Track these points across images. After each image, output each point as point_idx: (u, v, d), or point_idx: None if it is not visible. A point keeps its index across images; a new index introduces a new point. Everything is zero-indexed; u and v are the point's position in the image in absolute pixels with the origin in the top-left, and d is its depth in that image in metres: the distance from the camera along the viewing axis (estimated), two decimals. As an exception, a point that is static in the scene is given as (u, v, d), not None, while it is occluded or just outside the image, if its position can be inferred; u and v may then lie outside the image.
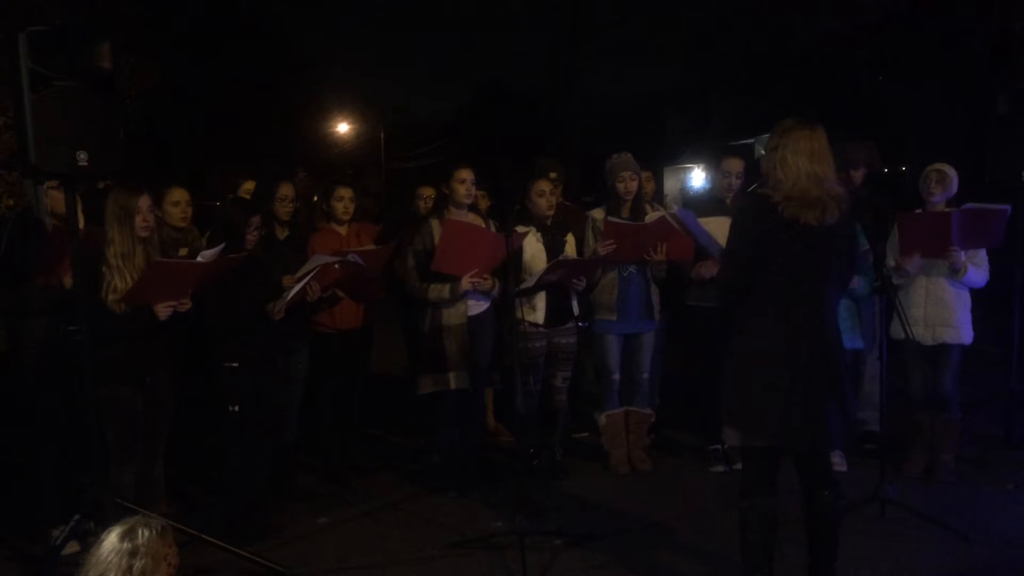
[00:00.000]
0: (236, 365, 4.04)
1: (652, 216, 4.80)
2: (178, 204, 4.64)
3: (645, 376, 5.05)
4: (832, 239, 3.05)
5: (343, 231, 4.90)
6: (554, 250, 4.79)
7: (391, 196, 26.11)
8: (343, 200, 4.87)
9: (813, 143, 3.03)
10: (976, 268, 4.65)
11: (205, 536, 3.64)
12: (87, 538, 3.26)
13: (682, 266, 4.91)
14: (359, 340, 4.97)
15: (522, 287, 4.57)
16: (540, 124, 25.02)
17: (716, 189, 5.15)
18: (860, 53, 15.28)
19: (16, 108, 3.27)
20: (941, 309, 4.67)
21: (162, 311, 3.72)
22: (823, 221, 2.99)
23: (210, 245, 4.08)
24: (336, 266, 4.28)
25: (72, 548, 3.48)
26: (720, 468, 4.90)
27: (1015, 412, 5.41)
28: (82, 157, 3.31)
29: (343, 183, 5.07)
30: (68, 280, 3.79)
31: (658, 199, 6.21)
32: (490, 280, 4.55)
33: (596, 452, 5.21)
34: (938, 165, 4.74)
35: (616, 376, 5.01)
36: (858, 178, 5.27)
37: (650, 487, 4.80)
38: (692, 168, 24.19)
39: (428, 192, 5.65)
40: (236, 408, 4.03)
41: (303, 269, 4.31)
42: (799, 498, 3.22)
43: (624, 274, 4.90)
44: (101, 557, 2.20)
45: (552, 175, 5.23)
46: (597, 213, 5.00)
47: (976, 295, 4.79)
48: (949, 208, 4.69)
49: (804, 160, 3.00)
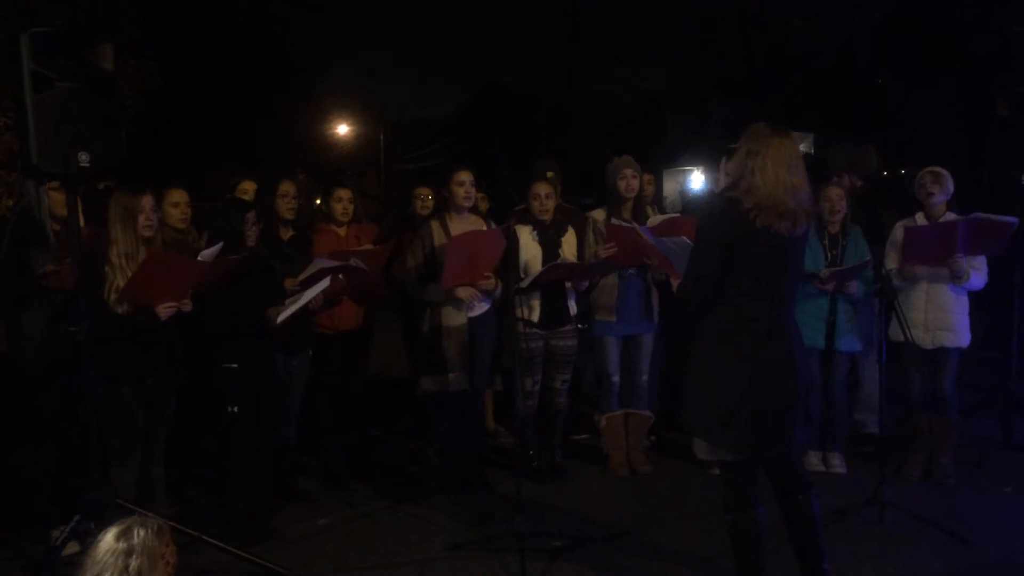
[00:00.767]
0: (235, 366, 4.04)
1: (654, 220, 4.80)
2: (178, 205, 4.65)
3: (644, 378, 5.06)
4: (795, 247, 3.07)
5: (342, 232, 4.91)
6: (550, 248, 4.79)
7: (391, 197, 26.11)
8: (342, 201, 4.88)
9: (790, 153, 3.00)
10: (975, 271, 4.67)
11: (205, 537, 3.64)
12: (87, 538, 3.25)
13: (672, 274, 4.90)
14: (358, 341, 4.98)
15: (519, 286, 4.57)
16: (539, 126, 25.05)
17: (714, 190, 5.15)
18: (860, 56, 15.30)
19: (18, 109, 3.27)
20: (940, 312, 4.68)
21: (163, 311, 3.73)
22: (793, 232, 2.98)
23: (208, 246, 4.09)
24: (340, 276, 4.31)
25: (72, 548, 3.47)
26: (718, 471, 4.89)
27: (1013, 415, 5.42)
28: (83, 158, 3.31)
29: (342, 184, 5.08)
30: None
31: (658, 201, 6.22)
32: (493, 280, 4.55)
33: (595, 454, 5.21)
34: (932, 168, 4.77)
35: (615, 378, 5.01)
36: (846, 183, 5.28)
37: (649, 489, 4.80)
38: (692, 171, 24.17)
39: (425, 192, 5.66)
40: (235, 409, 4.03)
41: (304, 274, 4.32)
42: (777, 504, 3.21)
43: (624, 276, 4.91)
44: (97, 557, 2.21)
45: (549, 174, 5.26)
46: (598, 214, 5.01)
47: (974, 298, 4.80)
48: (949, 210, 4.70)
49: (783, 171, 2.96)
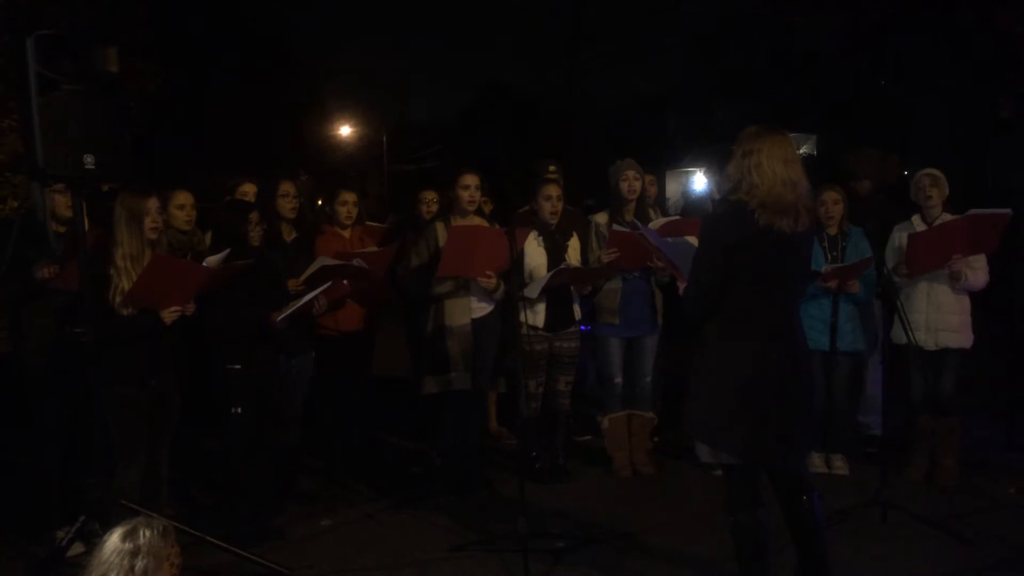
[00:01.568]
0: (239, 367, 4.05)
1: (656, 223, 4.81)
2: (183, 207, 4.66)
3: (648, 380, 5.07)
4: (801, 246, 3.07)
5: (346, 234, 4.92)
6: (556, 254, 4.81)
7: (393, 199, 26.13)
8: (346, 204, 4.89)
9: (786, 149, 3.01)
10: (976, 271, 4.66)
11: (208, 537, 3.65)
12: (92, 539, 3.27)
13: (677, 275, 4.91)
14: (361, 342, 4.99)
15: (525, 292, 4.58)
16: (541, 128, 25.06)
17: (717, 192, 5.15)
18: (862, 57, 15.31)
19: (23, 111, 3.29)
20: (942, 314, 4.68)
21: (168, 316, 3.74)
22: (795, 229, 2.98)
23: (212, 248, 4.10)
24: (345, 282, 4.32)
25: (77, 549, 3.48)
26: (721, 472, 4.90)
27: (1016, 416, 5.42)
28: (88, 160, 3.34)
29: (347, 187, 5.10)
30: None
31: (660, 203, 6.22)
32: (495, 279, 4.56)
33: (599, 455, 5.22)
34: (928, 170, 4.78)
35: (619, 380, 5.02)
36: (863, 189, 5.29)
37: (652, 491, 4.81)
38: (694, 172, 24.16)
39: (431, 196, 5.67)
40: (239, 410, 4.05)
41: (307, 272, 4.34)
42: (779, 506, 3.20)
43: (627, 279, 4.91)
44: (103, 557, 2.22)
45: (551, 167, 5.28)
46: (600, 217, 5.01)
47: (976, 299, 4.80)
48: (946, 211, 4.71)
49: (779, 165, 2.97)
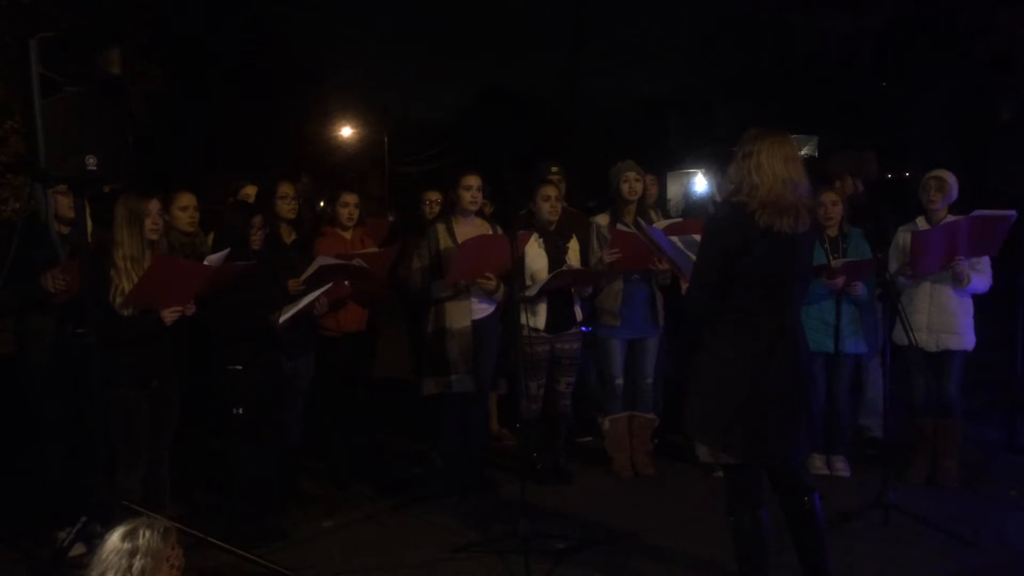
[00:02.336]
0: (240, 368, 4.06)
1: (658, 225, 4.81)
2: (186, 209, 4.67)
3: (649, 381, 5.07)
4: (802, 247, 3.07)
5: (348, 235, 4.93)
6: (557, 256, 4.81)
7: (395, 200, 26.18)
8: (348, 206, 4.90)
9: (786, 148, 3.02)
10: (979, 275, 4.66)
11: (210, 538, 3.64)
12: (93, 540, 3.27)
13: (680, 275, 4.92)
14: (363, 343, 4.99)
15: (525, 293, 4.58)
16: (543, 129, 25.07)
17: (719, 194, 5.16)
18: (863, 59, 15.31)
19: (26, 113, 3.30)
20: (945, 316, 4.67)
21: (168, 316, 3.75)
22: (796, 228, 2.98)
23: (215, 248, 4.11)
24: (346, 283, 4.32)
25: (78, 550, 3.49)
26: (722, 474, 4.90)
27: (1018, 418, 5.41)
28: (91, 161, 3.34)
29: (348, 189, 5.11)
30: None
31: (661, 204, 6.24)
32: (494, 281, 4.57)
33: (599, 456, 5.22)
34: (937, 172, 4.76)
35: (620, 381, 5.02)
36: (847, 188, 5.29)
37: (653, 492, 4.81)
38: (695, 173, 24.17)
39: (434, 196, 5.68)
40: (240, 411, 4.05)
41: (307, 272, 4.35)
42: (780, 507, 3.21)
43: (628, 280, 4.92)
44: (102, 557, 2.24)
45: (553, 168, 5.28)
46: (601, 219, 5.02)
47: (978, 301, 4.80)
48: (951, 215, 4.70)
49: (779, 165, 2.97)
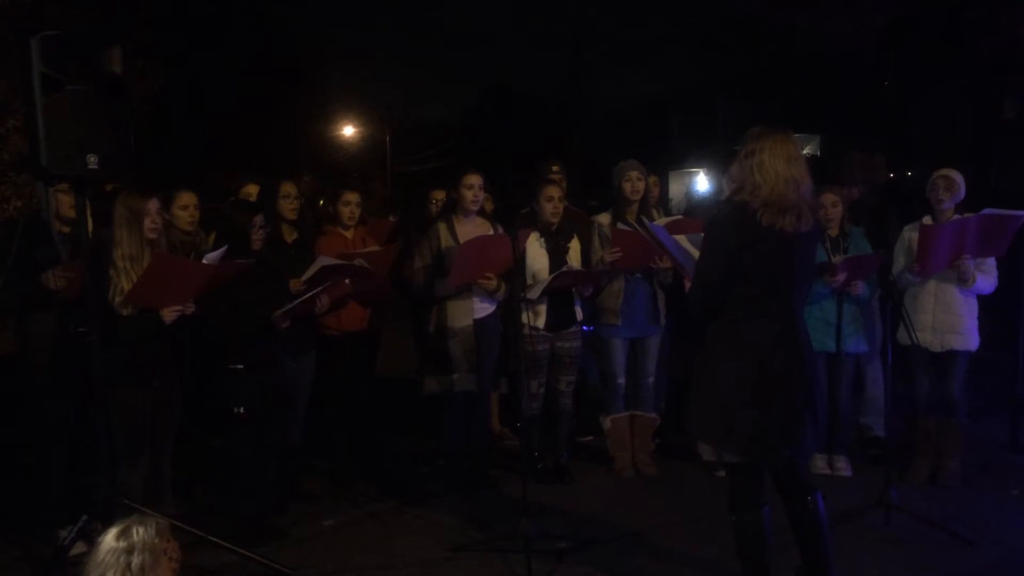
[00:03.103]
0: (242, 367, 4.06)
1: (659, 223, 4.80)
2: (186, 208, 4.67)
3: (650, 380, 5.06)
4: (804, 246, 3.06)
5: (349, 235, 4.93)
6: (558, 256, 4.81)
7: (397, 199, 26.18)
8: (349, 205, 4.90)
9: (788, 147, 3.01)
10: (984, 275, 4.65)
11: (211, 537, 3.65)
12: (94, 539, 3.27)
13: (683, 273, 4.91)
14: (365, 342, 4.99)
15: (526, 294, 4.58)
16: (545, 128, 25.08)
17: (721, 193, 5.15)
18: (867, 57, 15.28)
19: (27, 111, 3.30)
20: (950, 316, 4.66)
21: (168, 315, 3.75)
22: (798, 228, 2.97)
23: (216, 247, 4.11)
24: (347, 281, 4.33)
25: (80, 549, 3.48)
26: (724, 473, 4.89)
27: (1020, 418, 5.40)
28: (92, 160, 3.34)
29: (350, 188, 5.11)
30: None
31: (663, 203, 6.22)
32: (495, 281, 4.56)
33: (601, 456, 5.22)
34: (945, 171, 4.74)
35: (621, 380, 5.02)
36: (855, 194, 5.28)
37: (655, 491, 4.80)
38: (697, 172, 24.18)
39: (440, 196, 5.69)
40: (242, 410, 4.05)
41: (308, 272, 4.35)
42: (783, 507, 3.20)
43: (630, 279, 4.91)
44: (99, 558, 2.24)
45: (555, 167, 5.28)
46: (603, 218, 5.01)
47: (981, 302, 4.78)
48: (958, 214, 4.69)
49: (782, 164, 2.97)
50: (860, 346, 4.87)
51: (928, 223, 4.71)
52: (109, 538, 2.25)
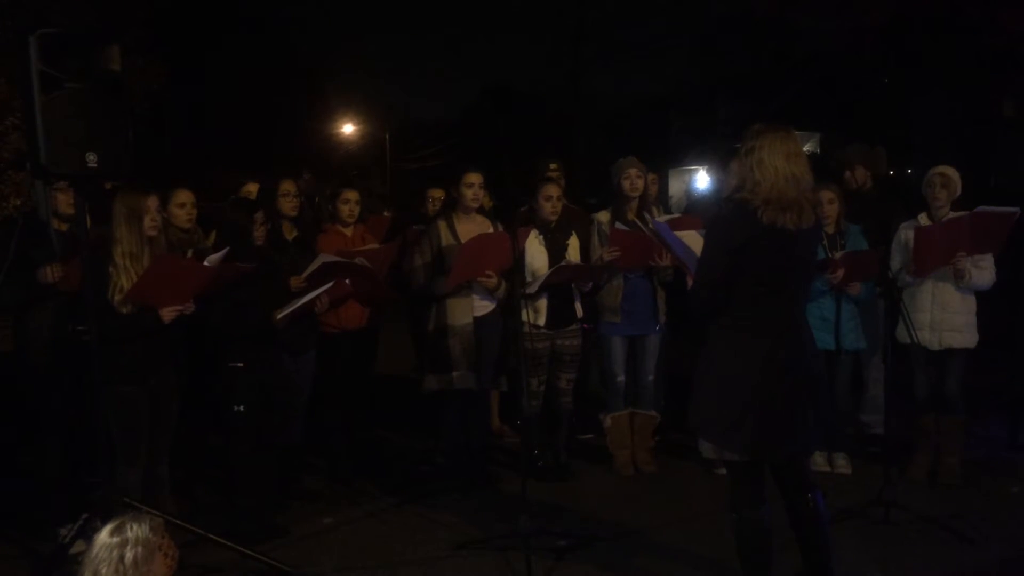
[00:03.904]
0: (241, 365, 4.06)
1: (661, 220, 4.80)
2: (184, 206, 4.67)
3: (650, 378, 5.07)
4: (806, 244, 3.05)
5: (348, 232, 4.93)
6: (557, 253, 4.80)
7: (396, 197, 26.17)
8: (349, 203, 4.90)
9: (788, 144, 3.00)
10: (982, 271, 4.65)
11: (211, 535, 3.65)
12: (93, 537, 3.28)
13: (686, 271, 4.91)
14: (365, 340, 4.99)
15: (526, 290, 4.58)
16: (544, 126, 25.06)
17: (721, 191, 5.15)
18: (866, 56, 15.28)
19: (26, 109, 3.29)
20: (947, 314, 4.65)
21: (167, 315, 3.74)
22: (799, 225, 2.96)
23: (216, 247, 4.11)
24: (348, 282, 4.34)
25: (79, 547, 3.47)
26: (724, 471, 4.88)
27: (1019, 415, 5.40)
28: (91, 158, 3.34)
29: (349, 186, 5.11)
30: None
31: (662, 201, 6.23)
32: (495, 278, 4.56)
33: (601, 454, 5.22)
34: (941, 168, 4.74)
35: (621, 378, 5.02)
36: (858, 179, 5.27)
37: (654, 489, 4.80)
38: (697, 170, 24.16)
39: (438, 194, 5.69)
40: (241, 408, 4.05)
41: (308, 269, 4.35)
42: (783, 506, 3.20)
43: (629, 277, 4.91)
44: (93, 554, 2.25)
45: (553, 165, 5.28)
46: (602, 216, 5.01)
47: (981, 299, 4.78)
48: (954, 212, 4.69)
49: (781, 160, 2.96)
50: (859, 344, 4.87)
51: (923, 223, 4.71)
52: (104, 534, 2.26)
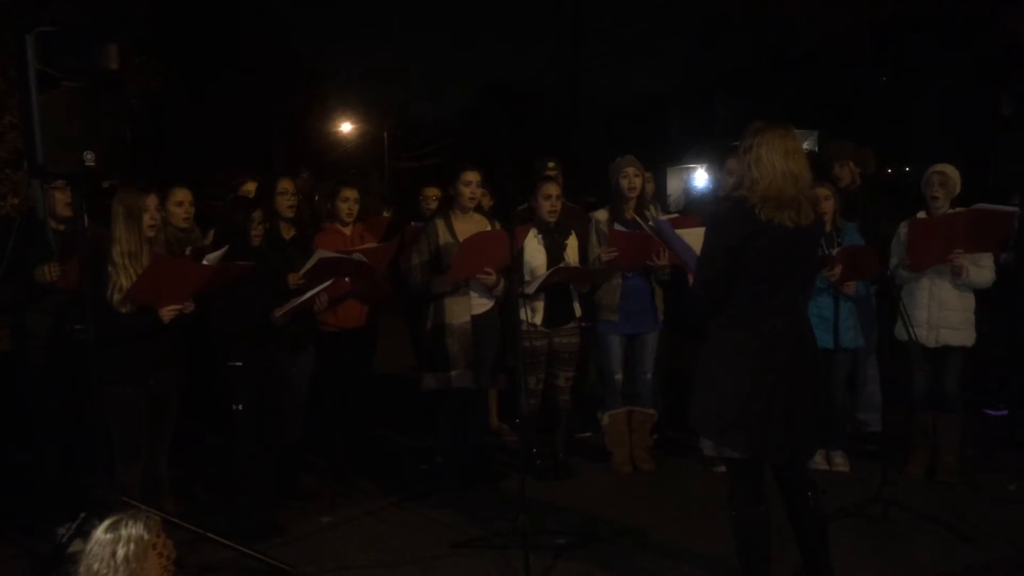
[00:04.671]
0: (240, 364, 4.06)
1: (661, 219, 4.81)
2: (181, 204, 4.67)
3: (648, 376, 5.07)
4: (807, 242, 3.04)
5: (347, 231, 4.93)
6: (555, 252, 4.80)
7: (395, 196, 26.17)
8: (348, 201, 4.90)
9: (787, 142, 2.99)
10: (981, 270, 4.65)
11: (210, 534, 3.66)
12: (92, 536, 3.28)
13: (687, 268, 4.92)
14: (364, 339, 4.99)
15: (524, 289, 4.58)
16: (543, 125, 25.06)
17: (719, 190, 5.16)
18: (865, 54, 15.28)
19: (23, 108, 3.29)
20: (944, 311, 4.66)
21: (166, 314, 3.74)
22: (798, 222, 2.96)
23: (215, 245, 4.11)
24: (347, 280, 4.33)
25: (77, 546, 3.47)
26: (723, 468, 4.88)
27: (1017, 413, 5.41)
28: (89, 157, 3.33)
29: (348, 184, 5.10)
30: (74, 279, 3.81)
31: (662, 199, 6.23)
32: (494, 276, 4.56)
33: (599, 452, 5.21)
34: (940, 167, 4.74)
35: (619, 376, 5.02)
36: (845, 175, 5.28)
37: (653, 487, 4.81)
38: (696, 169, 24.18)
39: (434, 192, 5.68)
40: (240, 407, 4.05)
41: (306, 266, 4.35)
42: (783, 502, 3.20)
43: (627, 276, 4.91)
44: (87, 552, 2.25)
45: (551, 164, 5.28)
46: (600, 215, 5.01)
47: (979, 296, 4.79)
48: (953, 209, 4.69)
49: (779, 158, 2.95)
50: (856, 342, 4.87)
51: (915, 219, 4.71)
52: (98, 532, 2.28)
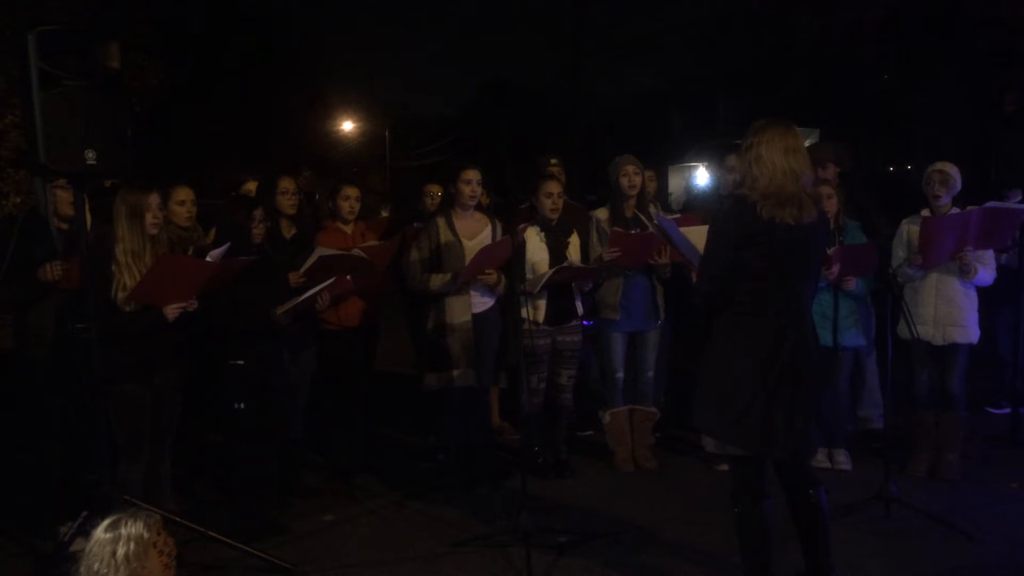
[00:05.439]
0: (242, 363, 4.06)
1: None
2: (183, 203, 4.67)
3: (650, 374, 5.07)
4: (810, 239, 3.03)
5: (348, 230, 4.93)
6: (557, 250, 4.80)
7: (396, 194, 26.17)
8: (349, 199, 4.90)
9: (788, 140, 3.00)
10: (984, 267, 4.65)
11: (211, 533, 3.66)
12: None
13: (688, 267, 4.92)
14: (365, 337, 4.99)
15: (526, 287, 4.58)
16: (544, 123, 25.05)
17: (720, 188, 5.15)
18: (866, 52, 15.25)
19: (25, 107, 3.29)
20: (951, 308, 4.65)
21: (171, 312, 3.74)
22: (800, 220, 2.95)
23: (216, 244, 4.11)
24: (349, 278, 4.34)
25: (80, 545, 3.47)
26: (725, 467, 4.87)
27: (1020, 411, 5.41)
28: (90, 156, 3.34)
29: (349, 182, 5.10)
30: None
31: (662, 198, 6.23)
32: (495, 275, 4.56)
33: (601, 450, 5.22)
34: (940, 165, 4.73)
35: (620, 374, 5.02)
36: (827, 177, 5.29)
37: (655, 485, 4.81)
38: (697, 167, 24.15)
39: (435, 190, 5.68)
40: (242, 405, 4.05)
41: (306, 264, 4.35)
42: (785, 500, 3.20)
43: (628, 274, 4.91)
44: (88, 552, 2.26)
45: (553, 161, 5.27)
46: (601, 213, 5.01)
47: (981, 294, 4.78)
48: (955, 207, 4.68)
49: (779, 156, 2.96)
50: (857, 340, 4.86)
51: (929, 216, 4.70)
52: (99, 531, 2.28)
